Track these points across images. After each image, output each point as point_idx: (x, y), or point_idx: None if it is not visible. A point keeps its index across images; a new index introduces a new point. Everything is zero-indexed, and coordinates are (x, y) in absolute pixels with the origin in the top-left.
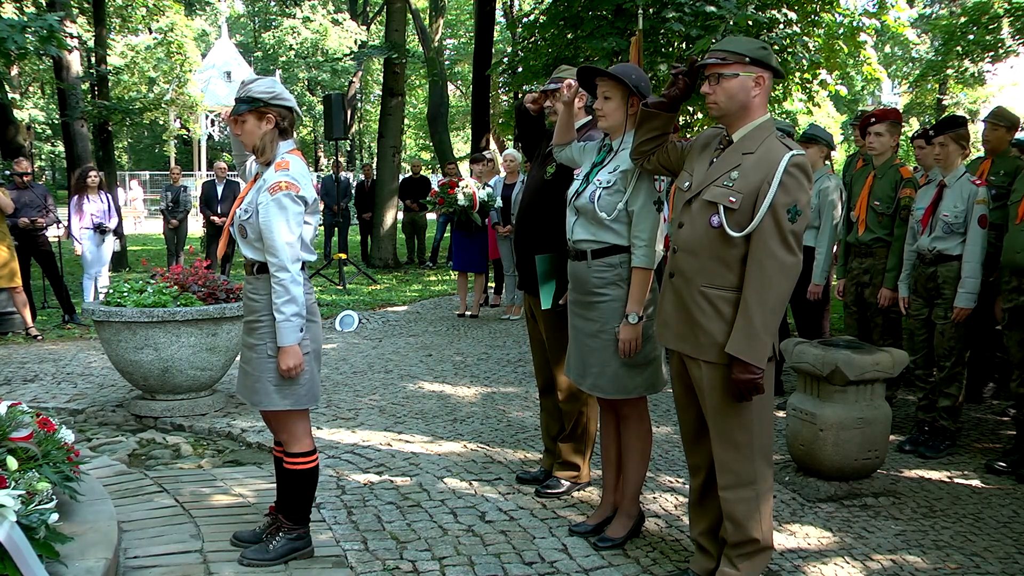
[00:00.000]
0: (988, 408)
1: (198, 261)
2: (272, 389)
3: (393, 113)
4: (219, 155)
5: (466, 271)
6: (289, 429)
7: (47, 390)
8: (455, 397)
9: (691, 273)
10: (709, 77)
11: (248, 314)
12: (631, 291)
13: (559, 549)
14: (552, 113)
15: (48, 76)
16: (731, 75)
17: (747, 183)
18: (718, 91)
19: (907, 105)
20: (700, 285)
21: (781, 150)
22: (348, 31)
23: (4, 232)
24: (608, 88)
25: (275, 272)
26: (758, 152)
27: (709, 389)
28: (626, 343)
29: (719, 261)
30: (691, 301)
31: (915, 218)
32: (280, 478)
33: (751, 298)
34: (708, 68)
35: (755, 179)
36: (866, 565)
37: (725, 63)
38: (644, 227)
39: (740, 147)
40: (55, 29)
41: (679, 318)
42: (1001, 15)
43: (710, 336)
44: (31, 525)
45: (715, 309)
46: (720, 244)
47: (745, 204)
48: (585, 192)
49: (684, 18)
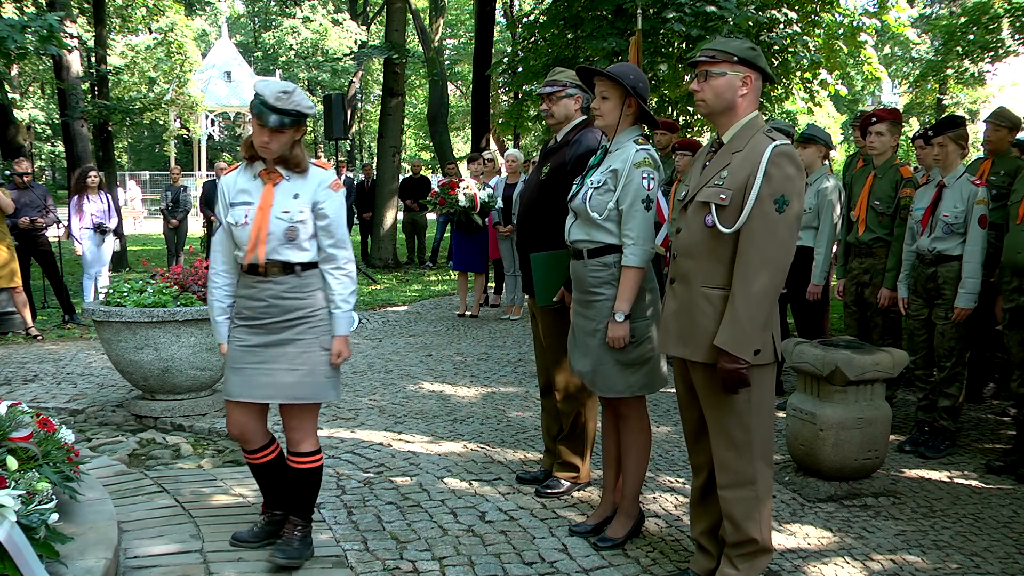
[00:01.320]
0: (988, 408)
1: (198, 261)
2: (327, 382)
3: (393, 113)
4: (219, 155)
5: (466, 271)
6: (310, 426)
7: (47, 390)
8: (455, 397)
9: (691, 275)
10: (698, 75)
11: (292, 312)
12: (620, 289)
13: (559, 549)
14: (549, 116)
15: (48, 76)
16: (719, 73)
17: (735, 179)
18: (706, 88)
19: (907, 105)
20: (700, 286)
21: (765, 142)
22: (348, 31)
23: (4, 232)
24: (606, 88)
25: (346, 264)
26: (746, 149)
27: (708, 389)
28: (612, 341)
29: (716, 260)
30: (693, 304)
31: (914, 218)
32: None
33: (736, 289)
34: (698, 65)
35: (743, 175)
36: (866, 565)
37: (714, 61)
38: (633, 226)
39: (730, 147)
40: (55, 29)
41: (680, 322)
42: (1001, 15)
43: (709, 336)
44: (31, 525)
45: (715, 309)
46: (715, 243)
47: (735, 200)
48: (579, 193)
49: (684, 18)
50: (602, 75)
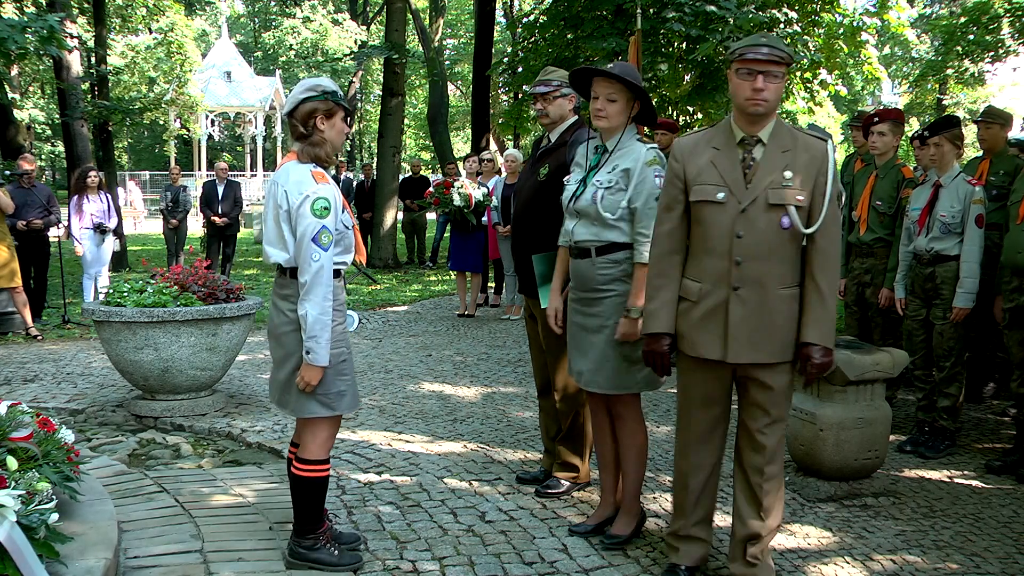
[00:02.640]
0: (988, 408)
1: (198, 261)
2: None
3: (393, 113)
4: (219, 155)
5: (463, 271)
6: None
7: (47, 390)
8: (455, 397)
9: (765, 279)
10: (764, 73)
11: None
12: (634, 286)
13: (559, 549)
14: (544, 116)
15: (48, 76)
16: (782, 75)
17: (806, 179)
18: (772, 89)
19: (907, 105)
20: (777, 288)
21: (817, 142)
22: (348, 31)
23: (4, 232)
24: (615, 90)
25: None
26: (797, 147)
27: (775, 388)
28: (625, 336)
29: (786, 261)
30: (768, 307)
31: (911, 219)
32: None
33: (825, 287)
34: (764, 64)
35: (810, 173)
36: (866, 565)
37: (783, 62)
38: (647, 224)
39: (776, 145)
40: (55, 29)
41: (753, 327)
42: (1001, 15)
43: (787, 335)
44: (31, 525)
45: (788, 308)
46: (789, 244)
47: (810, 200)
48: (585, 195)
49: (684, 18)
50: (614, 78)
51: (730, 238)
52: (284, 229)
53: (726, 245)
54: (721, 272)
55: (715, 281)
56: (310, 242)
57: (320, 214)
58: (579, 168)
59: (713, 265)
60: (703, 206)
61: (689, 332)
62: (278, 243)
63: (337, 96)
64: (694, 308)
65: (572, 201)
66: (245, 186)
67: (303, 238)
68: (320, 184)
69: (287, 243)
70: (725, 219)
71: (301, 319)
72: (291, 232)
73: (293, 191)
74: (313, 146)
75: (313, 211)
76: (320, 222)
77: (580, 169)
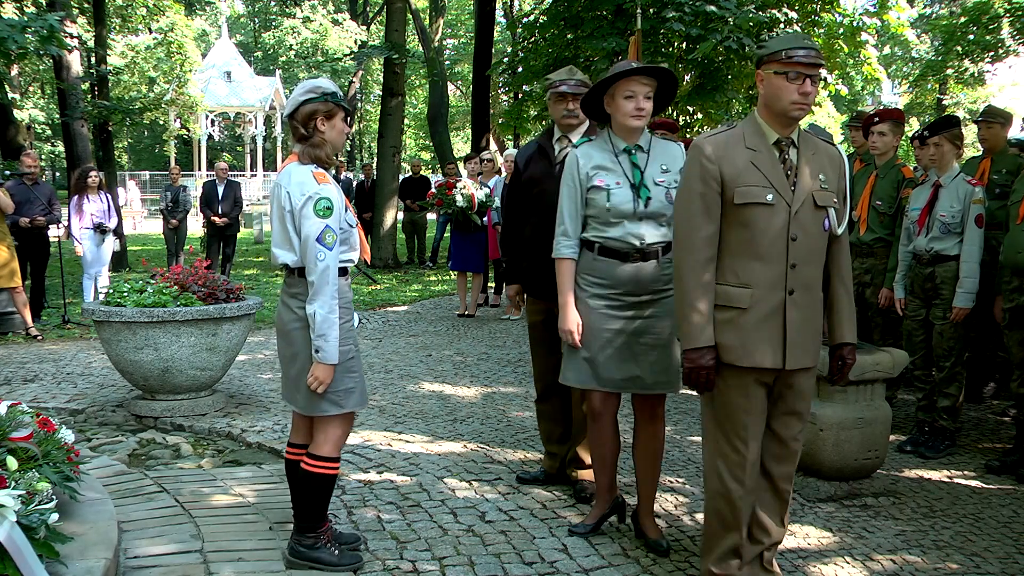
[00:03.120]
0: (988, 408)
1: (198, 261)
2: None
3: (393, 113)
4: (219, 155)
5: (464, 271)
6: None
7: (47, 390)
8: (455, 397)
9: (813, 282)
10: (811, 76)
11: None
12: None
13: (559, 549)
14: (573, 117)
15: (48, 76)
16: (821, 78)
17: (834, 182)
18: (814, 93)
19: (907, 105)
20: (818, 291)
21: (829, 146)
22: (348, 31)
23: (4, 232)
24: (651, 87)
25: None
26: (819, 150)
27: (811, 391)
28: None
29: (822, 263)
30: (815, 311)
31: (910, 219)
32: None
33: (849, 286)
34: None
35: (835, 175)
36: (866, 565)
37: (822, 65)
38: None
39: (805, 148)
40: (55, 29)
41: (806, 332)
42: (1001, 15)
43: (820, 339)
44: (31, 525)
45: (821, 310)
46: (824, 246)
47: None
48: (657, 196)
49: (684, 18)
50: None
51: (785, 241)
52: (289, 230)
53: (780, 248)
54: (775, 276)
55: (769, 286)
56: (315, 242)
57: (323, 214)
58: (605, 171)
59: (765, 269)
60: (750, 208)
61: (741, 341)
62: (285, 244)
63: (337, 97)
64: (743, 316)
65: (638, 204)
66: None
67: (308, 239)
68: (322, 185)
69: (293, 244)
70: (778, 222)
71: (309, 318)
72: (296, 233)
73: (295, 192)
74: (314, 147)
75: (316, 212)
76: (323, 222)
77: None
